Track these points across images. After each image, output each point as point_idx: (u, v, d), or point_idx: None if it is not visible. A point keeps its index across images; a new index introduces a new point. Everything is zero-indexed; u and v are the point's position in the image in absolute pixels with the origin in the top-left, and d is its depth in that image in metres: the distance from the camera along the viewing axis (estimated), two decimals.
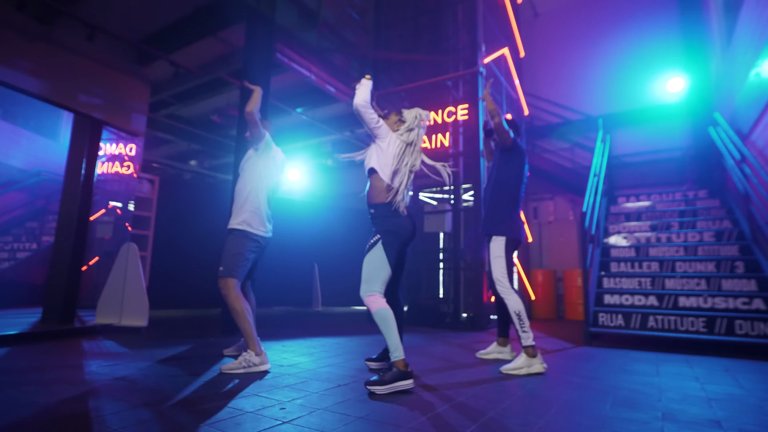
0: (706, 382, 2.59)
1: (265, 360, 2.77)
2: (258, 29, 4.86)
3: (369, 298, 2.44)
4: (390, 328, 2.35)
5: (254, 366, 2.71)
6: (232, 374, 2.62)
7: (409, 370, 2.30)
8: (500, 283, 3.03)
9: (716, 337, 3.78)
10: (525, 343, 2.86)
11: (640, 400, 2.16)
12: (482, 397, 2.21)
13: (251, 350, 2.74)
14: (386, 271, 2.48)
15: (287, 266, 7.67)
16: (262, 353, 2.77)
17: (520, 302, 2.97)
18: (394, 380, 2.25)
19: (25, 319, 4.89)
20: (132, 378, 2.45)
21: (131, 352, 3.29)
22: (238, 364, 2.69)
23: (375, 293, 2.44)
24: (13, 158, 8.54)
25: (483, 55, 5.88)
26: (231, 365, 2.69)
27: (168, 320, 5.48)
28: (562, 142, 8.36)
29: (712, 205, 5.79)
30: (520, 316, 2.93)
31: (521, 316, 2.93)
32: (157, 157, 10.34)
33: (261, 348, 2.78)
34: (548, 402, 2.12)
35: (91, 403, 1.96)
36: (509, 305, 2.98)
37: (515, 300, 2.97)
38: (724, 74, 6.17)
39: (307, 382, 2.45)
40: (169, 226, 6.34)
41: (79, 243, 4.94)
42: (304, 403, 2.05)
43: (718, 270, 4.51)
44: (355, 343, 3.96)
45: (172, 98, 7.15)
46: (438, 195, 6.93)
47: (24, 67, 4.67)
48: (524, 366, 2.79)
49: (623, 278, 4.76)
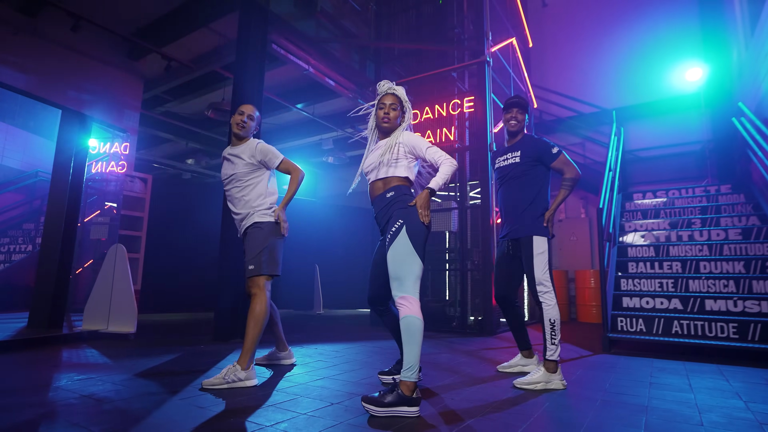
0: (750, 400, 2.27)
1: (251, 375, 2.49)
2: (252, 18, 4.59)
3: (404, 299, 2.06)
4: (416, 343, 1.99)
5: (239, 381, 2.43)
6: (215, 390, 2.36)
7: (416, 396, 1.96)
8: (543, 285, 2.63)
9: (750, 344, 3.45)
10: (550, 356, 2.53)
11: (678, 424, 1.86)
12: (495, 419, 1.92)
13: (239, 364, 2.47)
14: (417, 265, 2.08)
15: (287, 267, 7.35)
16: (249, 368, 2.50)
17: (558, 310, 2.62)
18: (396, 404, 1.92)
19: (13, 324, 4.67)
20: (101, 396, 2.18)
21: (112, 363, 3.04)
22: (221, 379, 2.42)
23: (408, 294, 2.06)
24: (11, 159, 8.37)
25: (490, 45, 5.58)
26: (213, 380, 2.42)
27: (159, 325, 5.24)
28: (573, 137, 8.02)
29: (737, 200, 5.44)
30: (555, 326, 2.57)
31: (555, 326, 2.57)
32: (157, 156, 10.14)
33: (251, 363, 2.52)
34: (572, 426, 1.82)
35: (42, 431, 1.69)
36: (547, 312, 2.60)
37: (555, 306, 2.62)
38: (749, 62, 5.81)
39: (296, 400, 2.18)
40: (163, 227, 6.11)
41: (67, 245, 4.71)
42: (288, 428, 1.77)
43: (747, 270, 4.17)
44: (355, 351, 3.68)
45: (167, 94, 6.91)
46: (443, 192, 6.62)
47: (7, 61, 4.45)
48: (542, 381, 2.48)
49: (643, 279, 4.44)
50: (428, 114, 5.77)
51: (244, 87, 4.45)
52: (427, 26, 6.37)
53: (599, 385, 2.60)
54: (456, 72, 6.00)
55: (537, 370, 2.55)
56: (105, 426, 1.75)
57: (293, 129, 8.73)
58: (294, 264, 7.55)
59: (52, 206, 4.73)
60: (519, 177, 2.87)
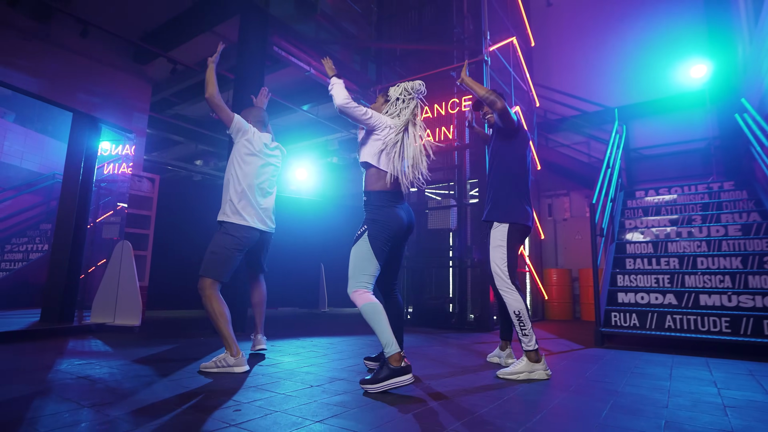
0: (724, 387, 2.29)
1: (241, 362, 2.59)
2: (252, 21, 4.74)
3: (355, 293, 2.28)
4: (379, 322, 2.16)
5: (228, 367, 2.54)
6: (207, 373, 2.47)
7: (404, 365, 2.09)
8: (499, 277, 2.61)
9: (742, 338, 3.43)
10: (526, 347, 2.51)
11: (643, 407, 1.90)
12: (467, 400, 1.98)
13: (227, 351, 2.59)
14: (373, 264, 2.29)
15: (293, 266, 7.54)
16: (238, 354, 2.60)
17: (522, 301, 2.56)
18: (388, 377, 2.07)
19: (27, 318, 4.88)
20: (95, 377, 2.31)
21: (113, 351, 3.18)
22: (214, 364, 2.54)
23: (360, 288, 2.28)
24: (29, 162, 8.69)
25: (488, 44, 5.64)
26: (207, 364, 2.55)
27: (165, 320, 5.40)
28: (578, 136, 8.00)
29: (739, 197, 5.38)
30: (521, 316, 2.54)
31: (522, 317, 2.54)
32: (169, 159, 10.40)
33: (238, 349, 2.62)
34: (537, 407, 1.88)
35: (35, 404, 1.82)
36: (508, 304, 2.58)
37: (515, 298, 2.56)
38: (752, 57, 5.75)
39: (278, 383, 2.27)
40: (170, 225, 6.29)
41: (77, 243, 4.91)
42: (264, 404, 1.86)
43: (744, 266, 4.14)
44: (349, 344, 3.77)
45: (175, 97, 7.12)
46: (443, 191, 6.68)
47: (21, 66, 4.67)
48: (524, 371, 2.47)
49: (639, 275, 4.43)
50: (428, 113, 5.84)
51: (245, 88, 4.59)
52: (428, 26, 6.45)
53: (579, 373, 2.64)
54: (455, 71, 6.06)
55: (519, 361, 2.54)
56: (93, 401, 1.86)
57: (298, 130, 8.88)
58: (300, 263, 7.69)
59: (63, 206, 4.93)
60: (492, 157, 2.93)
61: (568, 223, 7.89)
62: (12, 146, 8.32)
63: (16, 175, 8.40)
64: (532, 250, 6.89)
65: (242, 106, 4.59)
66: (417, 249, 6.06)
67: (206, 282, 2.67)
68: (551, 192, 8.05)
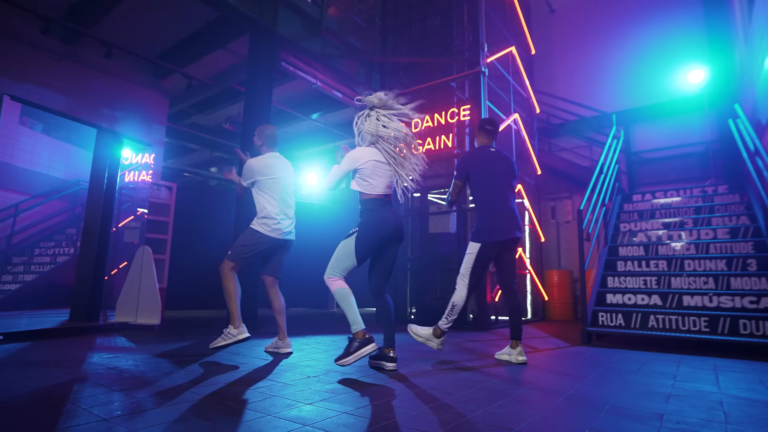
0: (682, 380, 2.52)
1: (242, 331, 3.11)
2: (260, 40, 5.09)
3: (329, 280, 2.75)
4: (349, 304, 2.63)
5: (233, 337, 3.08)
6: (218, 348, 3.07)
7: (367, 337, 2.57)
8: (461, 275, 3.24)
9: (719, 337, 3.63)
10: (441, 326, 3.18)
11: (594, 396, 2.15)
12: (441, 389, 2.26)
13: (231, 324, 3.11)
14: (351, 261, 2.72)
15: (305, 268, 7.88)
16: (240, 326, 3.11)
17: (464, 299, 3.16)
18: (357, 349, 2.53)
19: (57, 318, 5.30)
20: (123, 368, 2.66)
21: (136, 347, 3.54)
22: (222, 339, 3.08)
23: (334, 276, 2.73)
24: (55, 169, 9.22)
25: (486, 55, 5.88)
26: (216, 341, 3.09)
27: (182, 319, 5.78)
28: (580, 140, 8.18)
29: (731, 201, 5.53)
30: (454, 307, 3.16)
31: (454, 308, 3.16)
32: (185, 165, 10.88)
33: (240, 321, 3.13)
34: (499, 395, 2.15)
35: (75, 387, 2.16)
36: (454, 294, 3.19)
37: (460, 295, 3.17)
38: (747, 61, 5.88)
39: (279, 373, 2.58)
40: (186, 230, 6.69)
41: (102, 247, 5.31)
42: (265, 390, 2.17)
43: (729, 268, 4.32)
44: None
45: (191, 108, 7.53)
46: (444, 197, 6.93)
47: (51, 86, 5.10)
48: (424, 336, 3.25)
49: (628, 277, 4.64)
50: (428, 122, 6.12)
51: (254, 101, 4.95)
52: (432, 38, 6.72)
53: (553, 368, 2.89)
54: (455, 82, 6.32)
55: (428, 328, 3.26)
56: (122, 386, 2.20)
57: (309, 136, 9.24)
58: (308, 264, 8.02)
59: (89, 213, 5.35)
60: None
61: (570, 226, 8.07)
62: (41, 155, 8.85)
63: (45, 182, 8.93)
64: (532, 252, 7.10)
65: (252, 117, 4.95)
66: (421, 252, 6.33)
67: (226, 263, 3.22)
68: (554, 195, 8.24)
